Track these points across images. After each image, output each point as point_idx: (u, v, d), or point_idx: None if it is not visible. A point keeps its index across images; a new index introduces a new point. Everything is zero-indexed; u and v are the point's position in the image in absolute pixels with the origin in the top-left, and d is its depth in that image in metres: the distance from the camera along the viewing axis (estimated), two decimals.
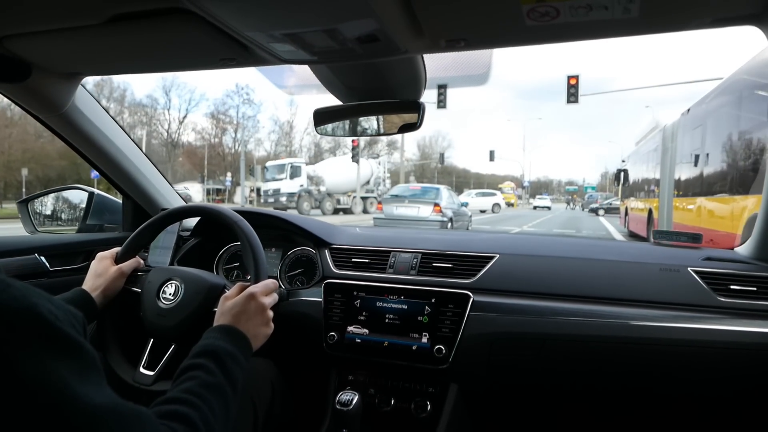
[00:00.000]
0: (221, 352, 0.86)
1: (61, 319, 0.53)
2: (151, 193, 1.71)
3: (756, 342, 1.08)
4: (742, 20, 0.92)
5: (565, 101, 14.15)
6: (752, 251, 1.23)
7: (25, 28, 1.01)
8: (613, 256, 1.31)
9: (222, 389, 0.79)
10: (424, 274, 1.34)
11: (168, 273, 1.18)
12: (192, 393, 0.75)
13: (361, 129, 1.32)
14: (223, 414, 0.77)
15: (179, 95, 52.27)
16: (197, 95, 58.26)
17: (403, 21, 0.88)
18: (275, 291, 1.09)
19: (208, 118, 45.87)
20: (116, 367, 1.14)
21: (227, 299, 1.01)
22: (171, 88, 46.04)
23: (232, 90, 50.31)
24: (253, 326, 0.98)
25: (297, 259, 1.56)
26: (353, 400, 1.15)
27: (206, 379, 0.79)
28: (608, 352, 1.16)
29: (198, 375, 0.79)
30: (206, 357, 0.84)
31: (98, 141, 1.52)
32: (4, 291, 0.50)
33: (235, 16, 0.87)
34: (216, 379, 0.80)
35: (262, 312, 1.01)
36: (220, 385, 0.80)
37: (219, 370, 0.82)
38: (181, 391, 0.75)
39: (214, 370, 0.81)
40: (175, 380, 0.80)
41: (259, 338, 1.00)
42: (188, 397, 0.73)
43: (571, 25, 0.89)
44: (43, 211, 1.85)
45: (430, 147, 64.54)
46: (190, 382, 0.78)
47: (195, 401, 0.73)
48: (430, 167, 63.72)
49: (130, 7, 0.90)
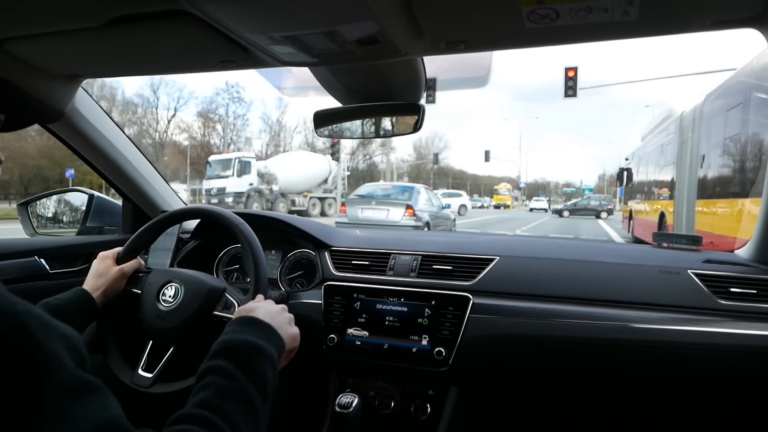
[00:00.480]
0: (242, 346, 0.74)
1: (43, 336, 0.50)
2: (151, 196, 1.71)
3: (756, 345, 1.08)
4: (742, 23, 0.92)
5: (563, 95, 13.32)
6: (752, 254, 1.23)
7: (25, 31, 1.01)
8: (614, 259, 1.31)
9: (245, 394, 0.67)
10: (424, 276, 1.34)
11: (168, 275, 1.18)
12: (207, 406, 0.63)
13: (361, 131, 1.32)
14: (250, 425, 0.65)
15: (168, 93, 51.36)
16: (186, 93, 56.79)
17: (403, 23, 0.88)
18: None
19: (196, 117, 45.03)
20: (115, 368, 1.13)
21: (243, 303, 0.94)
22: (159, 86, 44.99)
23: (222, 88, 49.53)
24: (278, 322, 0.86)
25: (297, 261, 1.56)
26: (353, 402, 1.15)
27: (223, 385, 0.67)
28: (608, 355, 1.16)
29: (213, 381, 0.67)
30: (223, 356, 0.72)
31: (98, 143, 1.52)
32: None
33: (235, 19, 0.87)
34: (235, 384, 0.68)
35: (284, 311, 0.93)
36: (242, 390, 0.68)
37: (239, 371, 0.70)
38: (195, 405, 0.64)
39: (232, 371, 0.69)
40: (195, 385, 0.69)
41: (289, 334, 0.87)
42: (202, 413, 0.62)
43: (571, 28, 0.89)
44: (43, 214, 1.85)
45: (426, 148, 64.28)
46: (205, 391, 0.66)
47: (210, 417, 0.61)
48: (426, 168, 63.59)
49: (131, 10, 0.90)
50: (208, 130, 46.67)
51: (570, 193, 68.39)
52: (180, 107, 52.89)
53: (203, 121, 46.50)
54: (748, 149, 5.35)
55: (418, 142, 65.31)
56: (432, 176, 65.95)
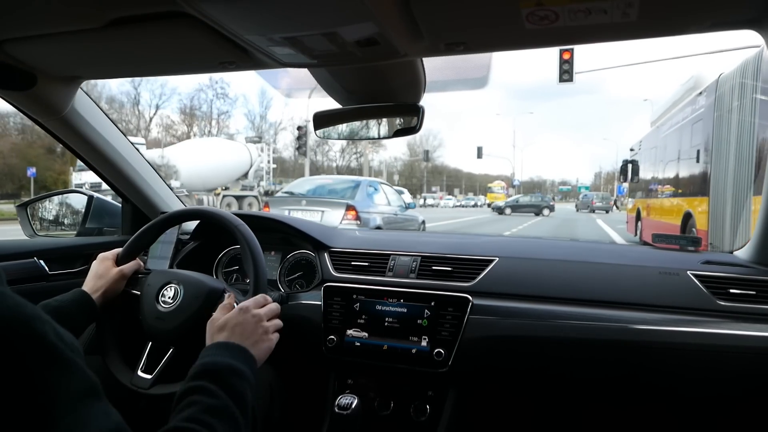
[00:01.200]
0: (222, 369, 0.79)
1: (52, 335, 0.51)
2: (151, 197, 1.71)
3: (755, 346, 1.08)
4: (741, 24, 0.93)
5: (558, 80, 12.01)
6: (752, 255, 1.23)
7: (25, 33, 1.01)
8: (613, 260, 1.31)
9: (228, 411, 0.72)
10: (423, 277, 1.34)
11: (167, 276, 1.18)
12: (194, 420, 0.67)
13: (360, 132, 1.32)
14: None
15: (150, 90, 49.90)
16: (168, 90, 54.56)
17: (403, 24, 0.88)
18: (269, 304, 1.04)
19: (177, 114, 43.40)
20: (114, 370, 1.13)
21: (214, 321, 0.96)
22: (141, 83, 43.36)
23: (205, 84, 47.72)
24: (252, 338, 0.93)
25: (296, 263, 1.56)
26: (352, 403, 1.15)
27: (208, 402, 0.71)
28: (608, 356, 1.16)
29: (199, 399, 0.72)
30: (206, 378, 0.76)
31: (97, 144, 1.52)
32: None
33: (235, 20, 0.87)
34: (220, 402, 0.72)
35: (258, 322, 0.96)
36: (226, 407, 0.72)
37: (222, 391, 0.74)
38: (182, 420, 0.68)
39: (215, 391, 0.74)
40: (175, 407, 0.73)
41: (262, 350, 0.94)
42: (189, 426, 0.66)
43: (570, 29, 0.89)
44: (42, 215, 1.85)
45: (420, 146, 63.63)
46: (191, 408, 0.70)
47: (200, 430, 0.66)
48: (420, 167, 63.31)
49: (130, 11, 0.90)
50: (189, 126, 45.42)
51: (566, 191, 68.29)
52: (162, 104, 51.37)
53: (183, 118, 45.21)
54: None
55: (412, 140, 64.68)
56: (425, 174, 65.60)
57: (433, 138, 68.84)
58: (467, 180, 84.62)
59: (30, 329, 0.49)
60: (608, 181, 73.64)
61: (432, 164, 67.11)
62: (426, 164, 58.91)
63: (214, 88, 48.02)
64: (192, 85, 51.06)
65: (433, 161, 68.29)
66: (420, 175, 65.58)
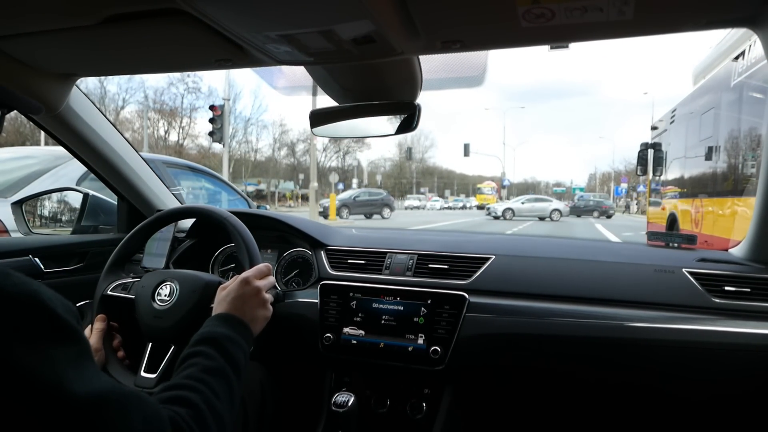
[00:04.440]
0: (220, 337, 0.87)
1: (60, 307, 0.55)
2: (146, 195, 1.71)
3: (750, 343, 1.08)
4: (736, 22, 0.93)
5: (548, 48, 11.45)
6: (746, 252, 1.24)
7: (20, 29, 1.01)
8: (609, 257, 1.32)
9: (223, 372, 0.80)
10: (420, 275, 1.34)
11: (161, 275, 1.18)
12: (193, 378, 0.76)
13: (356, 130, 1.32)
14: (227, 396, 0.78)
15: (117, 84, 45.94)
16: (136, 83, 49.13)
17: (399, 22, 0.88)
18: (269, 274, 1.09)
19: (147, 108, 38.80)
20: (116, 375, 1.12)
21: (223, 289, 1.03)
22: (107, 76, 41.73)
23: (177, 78, 44.24)
24: (250, 310, 0.99)
25: (293, 261, 1.56)
26: (349, 401, 1.15)
27: (206, 364, 0.80)
28: (603, 353, 1.17)
29: (198, 361, 0.80)
30: (205, 344, 0.85)
31: (93, 142, 1.51)
32: (5, 278, 0.53)
33: (231, 17, 0.87)
34: (216, 363, 0.81)
35: (257, 294, 1.02)
36: (222, 368, 0.81)
37: (219, 355, 0.83)
38: (182, 378, 0.76)
39: (213, 354, 0.82)
40: (176, 370, 0.81)
41: (258, 321, 1.00)
42: (189, 382, 0.74)
43: (567, 27, 0.89)
44: (38, 213, 1.85)
45: (411, 145, 62.05)
46: (191, 368, 0.79)
47: (196, 385, 0.74)
48: (410, 168, 62.62)
49: (126, 8, 0.90)
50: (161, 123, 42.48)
51: (560, 193, 68.04)
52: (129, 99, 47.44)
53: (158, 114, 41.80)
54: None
55: (403, 139, 62.54)
56: (415, 175, 64.88)
57: (425, 138, 67.69)
58: (460, 181, 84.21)
59: (37, 300, 0.53)
60: (603, 181, 73.52)
61: (424, 165, 66.39)
62: (411, 163, 58.24)
63: (185, 81, 43.50)
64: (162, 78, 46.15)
65: (425, 162, 67.67)
66: (410, 176, 64.57)
